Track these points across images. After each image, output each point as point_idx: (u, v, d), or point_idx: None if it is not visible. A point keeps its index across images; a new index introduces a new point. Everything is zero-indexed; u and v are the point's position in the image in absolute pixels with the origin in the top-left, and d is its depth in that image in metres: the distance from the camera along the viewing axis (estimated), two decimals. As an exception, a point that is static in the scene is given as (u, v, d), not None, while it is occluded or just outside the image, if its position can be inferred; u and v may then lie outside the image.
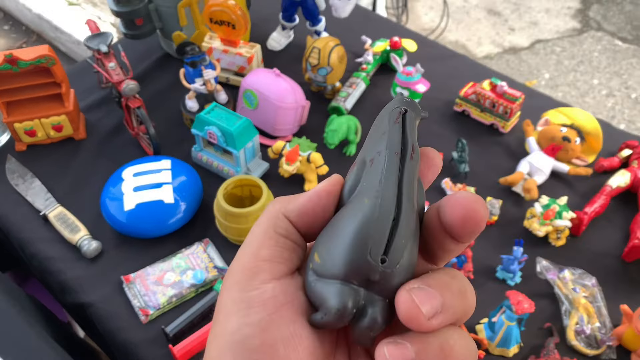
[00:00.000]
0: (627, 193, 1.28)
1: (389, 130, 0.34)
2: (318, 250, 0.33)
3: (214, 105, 1.27)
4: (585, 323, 1.04)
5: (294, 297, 0.33)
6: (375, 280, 0.31)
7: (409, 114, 0.35)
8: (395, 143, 0.33)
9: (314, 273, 0.33)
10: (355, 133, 1.36)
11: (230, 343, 0.31)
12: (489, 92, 1.39)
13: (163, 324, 1.06)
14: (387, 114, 0.35)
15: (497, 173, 1.33)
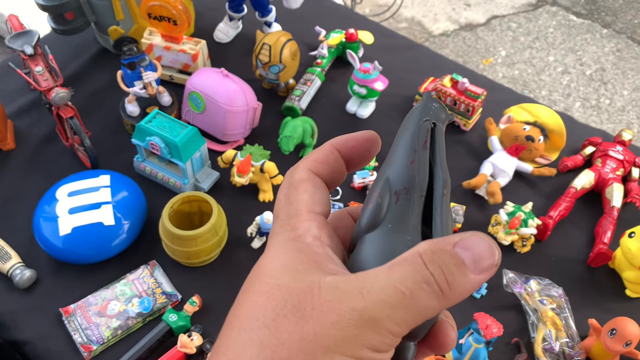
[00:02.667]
0: (591, 193, 1.25)
1: (417, 158, 0.31)
2: None
3: (156, 112, 1.16)
4: (553, 339, 1.01)
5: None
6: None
7: (438, 128, 0.33)
8: (423, 182, 0.31)
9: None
10: (311, 136, 1.28)
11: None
12: (450, 89, 1.33)
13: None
14: (415, 126, 0.33)
15: (460, 175, 1.28)
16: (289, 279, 0.29)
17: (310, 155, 0.35)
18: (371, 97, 1.35)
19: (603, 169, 1.24)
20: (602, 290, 1.12)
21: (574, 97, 2.79)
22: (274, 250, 0.32)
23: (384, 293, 0.27)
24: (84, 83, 1.40)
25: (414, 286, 0.27)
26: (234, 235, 1.15)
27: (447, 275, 0.27)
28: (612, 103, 2.77)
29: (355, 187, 1.24)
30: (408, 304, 0.27)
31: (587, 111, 2.73)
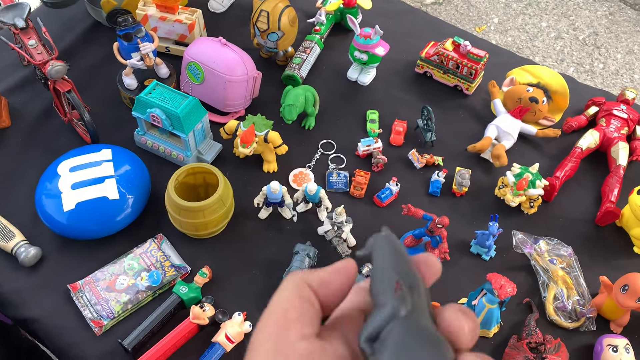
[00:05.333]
0: (596, 153, 1.25)
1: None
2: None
3: (155, 83, 1.13)
4: (565, 298, 1.01)
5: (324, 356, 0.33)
6: None
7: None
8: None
9: None
10: (313, 105, 1.26)
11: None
12: (452, 53, 1.31)
13: (119, 336, 0.96)
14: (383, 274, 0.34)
15: (464, 139, 1.27)
16: None
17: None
18: (372, 64, 1.33)
19: (607, 128, 1.24)
20: (611, 248, 1.12)
21: (567, 63, 2.78)
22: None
23: None
24: (78, 58, 1.37)
25: None
26: (240, 206, 1.14)
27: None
28: (605, 67, 2.76)
29: (360, 155, 1.22)
30: None
31: (581, 76, 2.72)
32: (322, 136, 1.27)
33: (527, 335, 0.96)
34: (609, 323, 1.02)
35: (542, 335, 0.96)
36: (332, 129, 1.28)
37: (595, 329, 1.01)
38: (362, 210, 1.15)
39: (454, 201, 1.18)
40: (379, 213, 1.15)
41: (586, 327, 1.01)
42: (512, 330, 1.01)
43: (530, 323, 0.98)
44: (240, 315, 0.97)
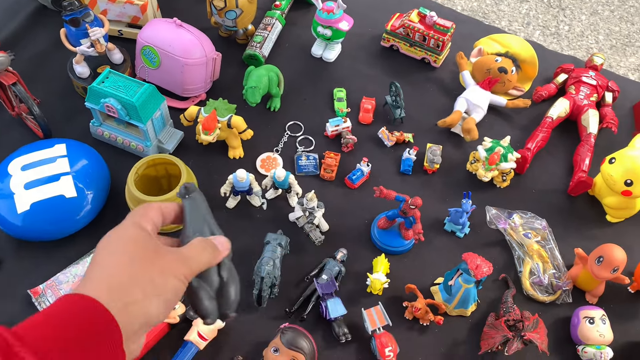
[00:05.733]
0: (567, 121, 1.23)
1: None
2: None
3: (108, 71, 1.07)
4: (541, 272, 1.01)
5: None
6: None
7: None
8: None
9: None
10: (277, 85, 1.21)
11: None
12: (418, 25, 1.27)
13: (87, 340, 0.92)
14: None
15: (434, 114, 1.24)
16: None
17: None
18: (337, 39, 1.28)
19: (577, 95, 1.22)
20: (584, 218, 1.12)
21: (533, 26, 2.76)
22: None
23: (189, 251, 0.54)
24: (23, 45, 1.28)
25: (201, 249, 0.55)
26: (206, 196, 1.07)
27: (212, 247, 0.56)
28: (571, 29, 2.75)
29: (328, 135, 1.18)
30: (198, 257, 0.54)
31: (547, 39, 2.71)
32: (289, 117, 1.22)
33: (505, 313, 0.95)
34: (584, 294, 1.02)
35: (520, 312, 0.95)
36: (298, 110, 1.24)
37: (572, 300, 1.00)
38: (333, 193, 1.12)
39: (426, 178, 1.15)
40: (351, 195, 1.12)
41: (562, 300, 1.00)
42: (489, 308, 1.00)
43: (508, 299, 0.97)
44: (212, 311, 0.93)
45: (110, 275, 0.49)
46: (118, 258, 0.50)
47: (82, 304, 0.46)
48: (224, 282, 0.56)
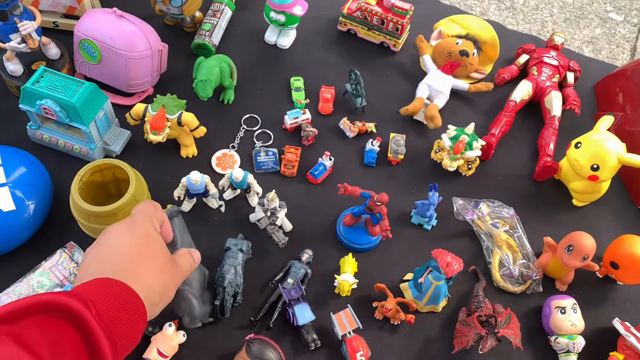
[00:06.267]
0: (530, 103, 1.21)
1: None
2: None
3: (43, 69, 0.98)
4: (511, 263, 0.98)
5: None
6: None
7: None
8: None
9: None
10: (230, 76, 1.14)
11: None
12: (376, 7, 1.21)
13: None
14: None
15: (395, 101, 1.19)
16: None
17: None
18: (291, 24, 1.21)
19: (539, 77, 1.19)
20: (550, 203, 1.10)
21: (488, 0, 2.74)
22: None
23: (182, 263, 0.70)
24: (-53, 41, 1.17)
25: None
26: (159, 199, 1.02)
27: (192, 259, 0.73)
28: (526, 2, 2.74)
29: (287, 128, 1.12)
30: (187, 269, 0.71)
31: (502, 13, 2.69)
32: (244, 110, 1.15)
33: (477, 308, 0.92)
34: (554, 282, 1.01)
35: (492, 306, 0.93)
36: (254, 102, 1.17)
37: (542, 290, 0.99)
38: (295, 189, 1.07)
39: (391, 170, 1.11)
40: (314, 191, 1.07)
41: (533, 289, 0.99)
42: (460, 301, 0.98)
43: (479, 293, 0.95)
44: (171, 326, 0.87)
45: (147, 283, 0.62)
46: (150, 264, 0.63)
47: (113, 283, 0.57)
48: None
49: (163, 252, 0.66)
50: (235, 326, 0.91)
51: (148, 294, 0.60)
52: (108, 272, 0.59)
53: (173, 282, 0.66)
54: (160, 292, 0.63)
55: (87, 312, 0.51)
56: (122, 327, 0.55)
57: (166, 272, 0.65)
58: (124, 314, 0.55)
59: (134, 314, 0.57)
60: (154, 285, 0.62)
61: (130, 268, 0.61)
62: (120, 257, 0.62)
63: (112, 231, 0.65)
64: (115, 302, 0.55)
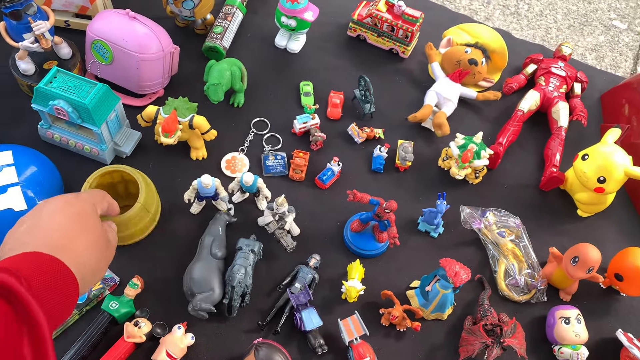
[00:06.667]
0: (537, 113, 1.21)
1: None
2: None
3: (56, 70, 0.98)
4: (517, 273, 0.99)
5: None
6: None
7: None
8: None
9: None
10: (241, 80, 1.14)
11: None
12: (386, 14, 1.22)
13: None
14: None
15: (403, 107, 1.20)
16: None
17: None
18: (302, 29, 1.22)
19: (547, 87, 1.20)
20: (555, 213, 1.11)
21: (493, 5, 2.75)
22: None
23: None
24: (-42, 38, 1.17)
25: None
26: (168, 202, 1.03)
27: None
28: (530, 8, 2.75)
29: (296, 133, 1.13)
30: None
31: (507, 18, 2.70)
32: (254, 114, 1.16)
33: (482, 316, 0.93)
34: (558, 291, 1.02)
35: (497, 315, 0.94)
36: (263, 105, 1.18)
37: (546, 299, 1.00)
38: (303, 194, 1.07)
39: (398, 176, 1.12)
40: (322, 196, 1.08)
41: (537, 299, 1.00)
42: (465, 309, 0.98)
43: (484, 302, 0.96)
44: (180, 328, 0.88)
45: (82, 259, 0.62)
46: (86, 242, 0.63)
47: (47, 258, 0.57)
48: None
49: (99, 232, 0.67)
50: (243, 330, 0.92)
51: (82, 270, 0.60)
52: (42, 245, 0.58)
53: (106, 261, 0.69)
54: (94, 270, 0.64)
55: (20, 286, 0.50)
56: (54, 302, 0.54)
57: (101, 251, 0.65)
58: (57, 290, 0.55)
59: (66, 290, 0.57)
60: (88, 262, 0.62)
61: (65, 244, 0.61)
62: (57, 232, 0.61)
63: (52, 204, 0.65)
64: (48, 277, 0.55)
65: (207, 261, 0.94)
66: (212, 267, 0.93)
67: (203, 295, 0.90)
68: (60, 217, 0.63)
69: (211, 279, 0.92)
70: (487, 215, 1.05)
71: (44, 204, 0.66)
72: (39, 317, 0.50)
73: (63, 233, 0.62)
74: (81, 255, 0.62)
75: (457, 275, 0.87)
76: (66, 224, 0.63)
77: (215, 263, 0.94)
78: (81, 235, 0.64)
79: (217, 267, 0.94)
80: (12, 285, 0.50)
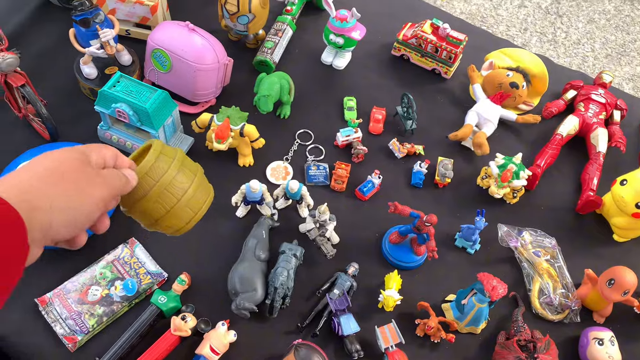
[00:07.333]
0: (575, 138, 1.24)
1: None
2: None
3: (119, 75, 1.05)
4: (552, 292, 1.01)
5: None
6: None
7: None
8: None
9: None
10: (288, 93, 1.19)
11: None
12: (431, 36, 1.26)
13: (96, 352, 0.90)
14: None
15: (444, 126, 1.24)
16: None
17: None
18: (348, 47, 1.27)
19: (586, 113, 1.23)
20: (591, 237, 1.13)
21: (530, 32, 2.78)
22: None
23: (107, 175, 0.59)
24: (29, 42, 1.25)
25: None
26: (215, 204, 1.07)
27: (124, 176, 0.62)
28: (567, 36, 2.77)
29: (339, 145, 1.18)
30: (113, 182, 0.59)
31: (544, 45, 2.72)
32: (299, 125, 1.21)
33: (516, 332, 0.95)
34: (591, 313, 1.03)
35: (530, 331, 0.96)
36: (308, 118, 1.23)
37: (580, 320, 1.01)
38: (344, 204, 1.11)
39: (437, 193, 1.15)
40: (362, 207, 1.11)
41: (570, 319, 1.01)
42: (498, 325, 1.01)
43: (518, 318, 0.98)
44: (224, 325, 0.92)
45: (24, 181, 0.52)
46: (41, 170, 0.53)
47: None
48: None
49: (84, 172, 0.56)
50: (283, 330, 0.96)
51: (62, 215, 0.52)
52: (12, 188, 0.52)
53: (98, 200, 0.56)
54: (79, 210, 0.54)
55: None
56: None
57: (84, 192, 0.55)
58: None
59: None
60: (70, 206, 0.53)
61: (39, 187, 0.53)
62: (35, 176, 0.54)
63: (49, 152, 0.58)
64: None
65: (251, 262, 0.98)
66: (256, 269, 0.97)
67: (246, 295, 0.94)
68: (34, 162, 0.55)
69: (255, 280, 0.96)
70: (524, 235, 1.07)
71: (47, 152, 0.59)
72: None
73: (23, 176, 0.53)
74: (58, 200, 0.53)
75: (495, 290, 0.90)
76: (34, 168, 0.54)
77: (258, 265, 0.98)
78: (60, 179, 0.54)
79: (260, 269, 0.98)
80: None
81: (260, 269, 0.98)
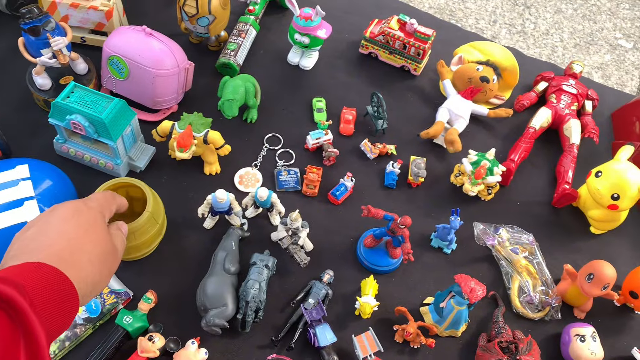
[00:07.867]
0: (548, 130, 1.22)
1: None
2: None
3: (73, 85, 0.99)
4: (531, 290, 0.99)
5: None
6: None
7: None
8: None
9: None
10: (254, 96, 1.15)
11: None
12: (398, 32, 1.23)
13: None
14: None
15: (415, 124, 1.21)
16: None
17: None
18: (314, 47, 1.23)
19: (558, 104, 1.21)
20: (568, 230, 1.11)
21: (500, 24, 2.77)
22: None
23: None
24: (-24, 53, 1.19)
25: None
26: (181, 216, 1.03)
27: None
28: (536, 27, 2.77)
29: (309, 148, 1.14)
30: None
31: (513, 37, 2.72)
32: (267, 129, 1.17)
33: (497, 334, 0.93)
34: (572, 309, 1.01)
35: (512, 332, 0.93)
36: (276, 121, 1.18)
37: (561, 317, 0.99)
38: (316, 209, 1.08)
39: (411, 193, 1.12)
40: (335, 211, 1.08)
41: (551, 316, 0.99)
42: (479, 327, 0.98)
43: (499, 319, 0.95)
44: (194, 343, 0.88)
45: (84, 263, 0.62)
46: (90, 255, 0.63)
47: (51, 271, 0.56)
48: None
49: (105, 243, 0.66)
50: (257, 345, 0.92)
51: (83, 286, 0.59)
52: (46, 255, 0.58)
53: (110, 273, 0.68)
54: (95, 283, 0.63)
55: (23, 301, 0.49)
56: (54, 317, 0.54)
57: (105, 263, 0.65)
58: (58, 305, 0.54)
59: (67, 305, 0.56)
60: (91, 277, 0.61)
61: (69, 256, 0.60)
62: (62, 242, 0.60)
63: (61, 211, 0.65)
64: (51, 292, 0.54)
65: (221, 276, 0.94)
66: (226, 283, 0.93)
67: (216, 311, 0.90)
68: (67, 226, 0.62)
69: (225, 294, 0.91)
70: (500, 232, 1.05)
71: (53, 209, 0.66)
72: (39, 333, 0.49)
73: (68, 244, 0.61)
74: (84, 270, 0.61)
75: (473, 292, 0.87)
76: (72, 234, 0.62)
77: (228, 278, 0.94)
78: (86, 248, 0.63)
79: (230, 283, 0.94)
80: (15, 299, 0.48)
81: (231, 283, 0.94)
